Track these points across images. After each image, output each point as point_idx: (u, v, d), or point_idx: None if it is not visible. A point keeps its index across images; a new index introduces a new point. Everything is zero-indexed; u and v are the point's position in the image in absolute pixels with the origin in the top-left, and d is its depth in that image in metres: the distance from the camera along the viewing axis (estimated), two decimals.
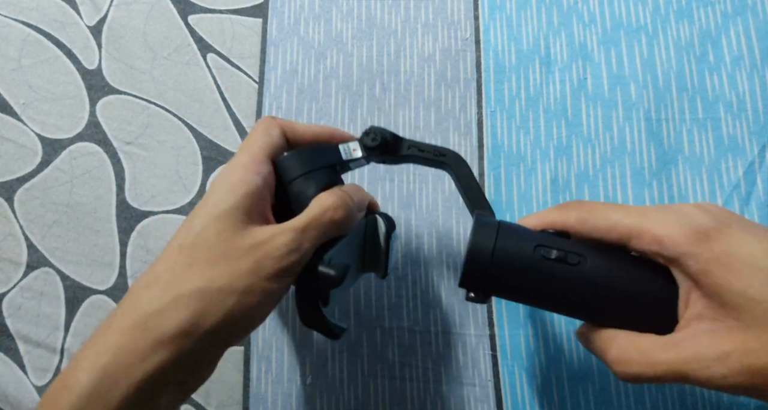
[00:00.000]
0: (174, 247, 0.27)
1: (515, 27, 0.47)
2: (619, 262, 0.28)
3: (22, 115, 0.44)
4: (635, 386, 0.40)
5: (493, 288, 0.29)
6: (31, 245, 0.42)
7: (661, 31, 0.46)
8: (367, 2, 0.48)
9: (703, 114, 0.44)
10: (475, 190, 0.34)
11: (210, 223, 0.27)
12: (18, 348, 0.41)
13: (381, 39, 0.47)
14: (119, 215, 0.43)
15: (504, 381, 0.40)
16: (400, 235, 0.43)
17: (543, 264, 0.28)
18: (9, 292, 0.41)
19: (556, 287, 0.28)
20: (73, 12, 0.47)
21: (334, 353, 0.41)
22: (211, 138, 0.45)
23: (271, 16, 0.48)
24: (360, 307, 0.42)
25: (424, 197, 0.44)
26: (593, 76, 0.45)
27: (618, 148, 0.44)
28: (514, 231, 0.29)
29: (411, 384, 0.40)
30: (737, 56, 0.45)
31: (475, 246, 0.28)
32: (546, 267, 0.28)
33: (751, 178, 0.42)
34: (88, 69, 0.46)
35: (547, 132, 0.45)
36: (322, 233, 0.29)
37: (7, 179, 0.43)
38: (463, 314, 0.41)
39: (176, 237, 0.27)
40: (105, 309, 0.41)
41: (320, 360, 0.41)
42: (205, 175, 0.44)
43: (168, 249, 0.27)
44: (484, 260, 0.28)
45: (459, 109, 0.45)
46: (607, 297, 0.28)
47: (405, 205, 0.43)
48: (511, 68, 0.46)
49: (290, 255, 0.27)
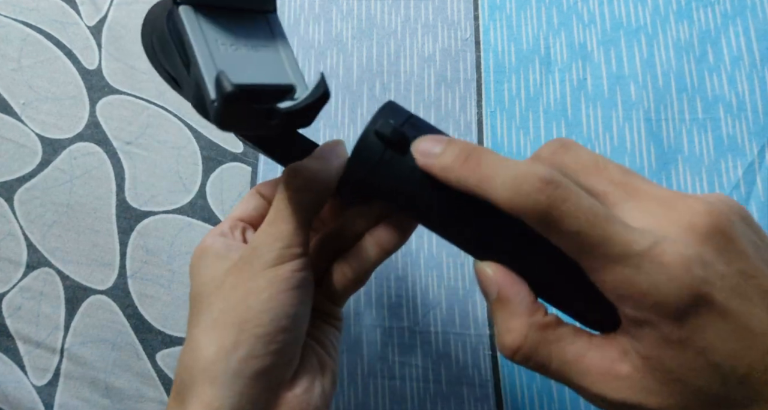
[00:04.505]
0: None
1: (515, 27, 0.47)
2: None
3: (22, 115, 0.44)
4: None
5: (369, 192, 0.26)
6: (31, 245, 0.42)
7: (660, 32, 0.46)
8: (367, 2, 0.48)
9: (703, 114, 0.44)
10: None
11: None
12: (18, 348, 0.41)
13: (381, 39, 0.47)
14: (119, 215, 0.43)
15: (504, 381, 0.40)
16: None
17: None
18: (9, 292, 0.41)
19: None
20: (73, 12, 0.47)
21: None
22: (211, 138, 0.45)
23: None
24: (360, 307, 0.42)
25: None
26: (593, 76, 0.46)
27: (618, 148, 0.44)
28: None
29: (411, 384, 0.40)
30: (737, 56, 0.45)
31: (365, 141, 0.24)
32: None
33: (750, 178, 0.42)
34: (88, 69, 0.46)
35: (547, 132, 0.45)
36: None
37: (7, 179, 0.43)
38: (463, 314, 0.41)
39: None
40: (105, 309, 0.41)
41: None
42: (205, 175, 0.44)
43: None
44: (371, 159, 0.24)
45: (459, 109, 0.45)
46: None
47: None
48: (511, 68, 0.46)
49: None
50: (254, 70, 0.24)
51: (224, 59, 0.24)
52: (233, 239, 0.28)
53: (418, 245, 0.43)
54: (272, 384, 0.25)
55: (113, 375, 0.40)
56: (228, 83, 0.21)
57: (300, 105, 0.23)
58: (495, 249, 0.25)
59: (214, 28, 0.24)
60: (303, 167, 0.26)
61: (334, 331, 0.29)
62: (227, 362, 0.24)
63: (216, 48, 0.24)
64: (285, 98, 0.24)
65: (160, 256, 0.42)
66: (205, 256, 0.26)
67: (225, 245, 0.27)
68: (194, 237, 0.43)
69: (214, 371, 0.24)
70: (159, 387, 0.40)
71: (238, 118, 0.22)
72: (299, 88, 0.25)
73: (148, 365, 0.41)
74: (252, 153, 0.45)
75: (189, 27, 0.23)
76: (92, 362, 0.40)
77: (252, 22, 0.26)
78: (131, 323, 0.41)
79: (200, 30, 0.24)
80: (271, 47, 0.26)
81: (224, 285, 0.25)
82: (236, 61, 0.24)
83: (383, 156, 0.25)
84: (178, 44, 0.24)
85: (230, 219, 0.29)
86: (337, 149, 0.27)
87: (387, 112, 0.26)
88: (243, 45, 0.25)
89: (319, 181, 0.26)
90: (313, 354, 0.27)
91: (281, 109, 0.23)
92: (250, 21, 0.26)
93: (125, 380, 0.40)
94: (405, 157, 0.25)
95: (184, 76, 0.25)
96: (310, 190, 0.26)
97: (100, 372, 0.40)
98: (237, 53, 0.24)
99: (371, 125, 0.25)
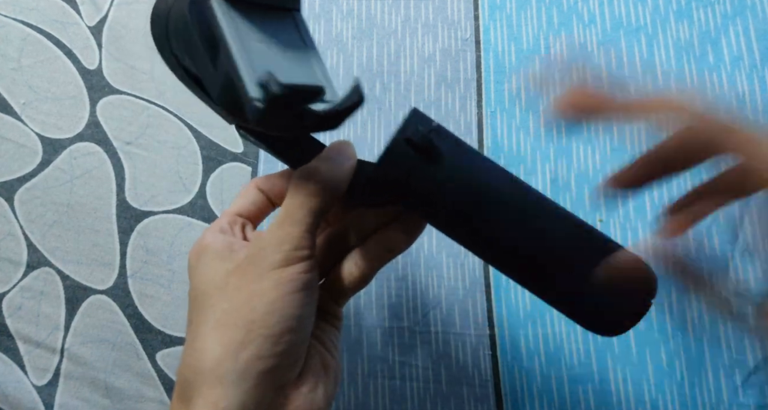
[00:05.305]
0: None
1: (515, 27, 0.47)
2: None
3: (22, 114, 0.44)
4: (635, 386, 0.40)
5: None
6: (31, 245, 0.42)
7: (660, 32, 0.46)
8: (367, 2, 0.48)
9: None
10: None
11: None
12: (18, 348, 0.41)
13: (381, 39, 0.47)
14: (119, 215, 0.43)
15: (504, 381, 0.40)
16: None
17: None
18: (9, 292, 0.41)
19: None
20: (74, 12, 0.47)
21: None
22: (211, 138, 0.45)
23: None
24: (360, 307, 0.42)
25: None
26: (593, 77, 0.46)
27: (618, 148, 0.44)
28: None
29: (411, 384, 0.40)
30: (737, 56, 0.45)
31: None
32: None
33: None
34: (89, 69, 0.46)
35: (547, 132, 0.45)
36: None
37: (7, 179, 0.43)
38: (463, 314, 0.41)
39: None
40: (105, 309, 0.41)
41: None
42: (205, 175, 0.44)
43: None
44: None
45: (459, 109, 0.45)
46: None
47: None
48: (511, 68, 0.46)
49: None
50: (288, 69, 0.24)
51: (261, 57, 0.23)
52: (233, 236, 0.27)
53: (418, 245, 0.43)
54: (278, 384, 0.25)
55: (113, 375, 0.40)
56: (276, 85, 0.21)
57: (337, 109, 0.23)
58: (508, 253, 0.26)
59: (246, 23, 0.24)
60: (314, 170, 0.26)
61: (334, 331, 0.29)
62: (234, 362, 0.23)
63: (250, 44, 0.23)
64: (315, 100, 0.24)
65: (160, 256, 0.42)
66: (205, 254, 0.26)
67: (226, 243, 0.26)
68: (194, 237, 0.43)
69: (220, 371, 0.23)
70: (159, 387, 0.40)
71: (277, 118, 0.22)
72: (328, 90, 0.25)
73: (148, 365, 0.41)
74: (252, 153, 0.45)
75: (224, 21, 0.23)
76: (92, 362, 0.40)
77: (280, 20, 0.25)
78: (131, 323, 0.41)
79: (234, 25, 0.23)
80: (300, 47, 0.26)
81: (228, 286, 0.25)
82: (271, 60, 0.24)
83: (413, 162, 0.25)
84: (203, 36, 0.24)
85: (229, 215, 0.28)
86: (346, 151, 0.27)
87: (416, 119, 0.26)
88: (274, 43, 0.24)
89: (330, 185, 0.26)
90: (316, 354, 0.27)
91: (317, 112, 0.23)
92: (278, 18, 0.25)
93: (125, 380, 0.40)
94: (432, 164, 0.25)
95: (207, 68, 0.24)
96: (321, 193, 0.26)
97: (100, 372, 0.40)
98: (270, 51, 0.24)
99: (401, 132, 0.25)
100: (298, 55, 0.25)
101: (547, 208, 0.26)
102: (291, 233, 0.25)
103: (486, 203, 0.25)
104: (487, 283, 0.42)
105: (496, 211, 0.25)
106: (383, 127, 0.45)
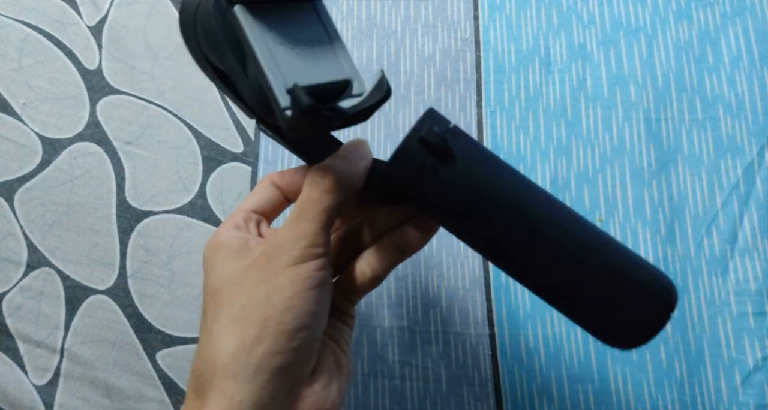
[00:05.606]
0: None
1: (515, 27, 0.47)
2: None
3: (22, 115, 0.44)
4: (635, 386, 0.40)
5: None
6: (31, 245, 0.42)
7: (660, 32, 0.46)
8: (367, 2, 0.48)
9: (703, 114, 0.44)
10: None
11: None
12: (18, 347, 0.41)
13: (381, 39, 0.47)
14: (119, 215, 0.43)
15: (504, 381, 0.40)
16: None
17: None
18: (9, 292, 0.41)
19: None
20: (74, 12, 0.47)
21: None
22: (211, 138, 0.45)
23: None
24: (360, 307, 0.42)
25: None
26: (593, 77, 0.46)
27: (617, 149, 0.44)
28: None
29: (411, 384, 0.40)
30: (736, 57, 0.45)
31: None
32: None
33: (750, 178, 0.43)
34: (89, 69, 0.46)
35: (546, 132, 0.45)
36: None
37: (7, 179, 0.43)
38: (463, 314, 0.41)
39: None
40: (105, 309, 0.41)
41: None
42: (205, 174, 0.44)
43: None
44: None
45: (459, 109, 0.46)
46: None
47: None
48: (511, 68, 0.46)
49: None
50: (314, 68, 0.25)
51: (286, 62, 0.24)
52: (248, 232, 0.28)
53: None
54: (292, 380, 0.25)
55: (113, 375, 0.40)
56: (305, 98, 0.21)
57: (364, 105, 0.23)
58: (517, 258, 0.26)
59: (269, 25, 0.24)
60: (330, 168, 0.26)
61: (347, 329, 0.29)
62: (249, 357, 0.24)
63: (276, 49, 0.24)
64: (343, 94, 0.25)
65: (160, 256, 0.42)
66: (220, 250, 0.26)
67: (242, 240, 0.27)
68: (194, 237, 0.43)
69: (235, 365, 0.24)
70: (159, 386, 0.40)
71: (308, 124, 0.23)
72: (356, 81, 0.25)
73: (148, 365, 0.41)
74: (252, 153, 0.45)
75: (249, 31, 0.23)
76: (92, 362, 0.40)
77: (302, 13, 0.25)
78: (131, 323, 0.41)
79: (259, 32, 0.23)
80: (324, 40, 0.26)
81: (246, 282, 0.25)
82: (297, 62, 0.24)
83: (425, 162, 0.25)
84: (230, 41, 0.24)
85: (243, 211, 0.29)
86: (362, 150, 0.27)
87: (430, 119, 0.26)
88: (299, 41, 0.25)
89: (346, 183, 0.26)
90: (329, 351, 0.27)
91: (346, 111, 0.23)
92: (300, 11, 0.25)
93: (125, 380, 0.40)
94: (446, 164, 0.25)
95: (238, 71, 0.25)
96: (336, 190, 0.26)
97: (100, 371, 0.40)
98: (295, 51, 0.24)
99: (415, 131, 0.25)
100: (323, 49, 0.25)
101: (561, 216, 0.26)
102: (306, 229, 0.25)
103: (497, 207, 0.25)
104: (487, 283, 0.42)
105: (506, 216, 0.25)
106: (383, 127, 0.45)
